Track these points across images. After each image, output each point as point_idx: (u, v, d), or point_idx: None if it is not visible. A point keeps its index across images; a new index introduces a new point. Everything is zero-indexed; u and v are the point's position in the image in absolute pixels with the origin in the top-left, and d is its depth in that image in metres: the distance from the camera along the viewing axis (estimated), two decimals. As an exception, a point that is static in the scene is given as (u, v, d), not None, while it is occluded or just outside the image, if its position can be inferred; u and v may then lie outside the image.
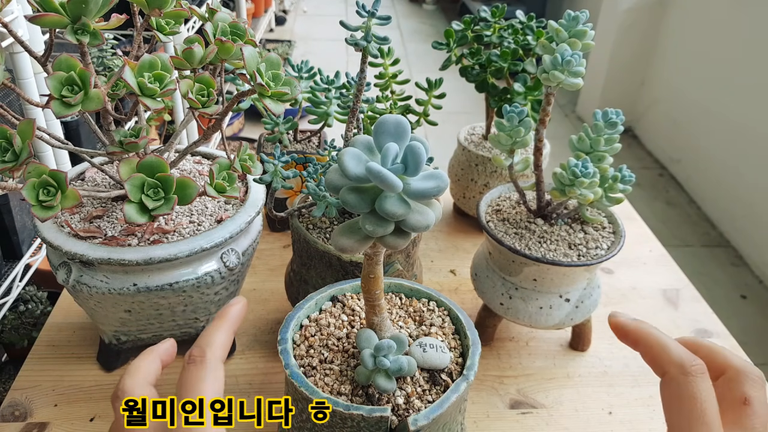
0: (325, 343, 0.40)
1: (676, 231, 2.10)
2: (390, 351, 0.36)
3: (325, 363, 0.39)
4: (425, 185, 0.29)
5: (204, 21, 0.48)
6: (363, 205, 0.29)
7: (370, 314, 0.38)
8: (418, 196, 0.29)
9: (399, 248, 0.31)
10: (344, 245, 0.31)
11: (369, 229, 0.29)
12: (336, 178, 0.30)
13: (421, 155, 0.29)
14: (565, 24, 0.52)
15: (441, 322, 0.42)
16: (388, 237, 0.30)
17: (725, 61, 2.12)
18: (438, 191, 0.29)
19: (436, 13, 4.50)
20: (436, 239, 0.83)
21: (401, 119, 0.30)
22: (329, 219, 0.56)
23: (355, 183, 0.29)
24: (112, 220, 0.51)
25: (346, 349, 0.40)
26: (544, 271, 0.55)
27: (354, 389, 0.37)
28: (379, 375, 0.36)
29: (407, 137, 0.30)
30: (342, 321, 0.42)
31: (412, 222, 0.29)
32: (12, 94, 0.80)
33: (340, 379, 0.37)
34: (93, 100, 0.42)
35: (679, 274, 0.79)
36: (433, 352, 0.38)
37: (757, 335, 1.67)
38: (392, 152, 0.29)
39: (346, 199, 0.29)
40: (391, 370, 0.36)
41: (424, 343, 0.38)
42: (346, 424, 0.35)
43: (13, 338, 0.83)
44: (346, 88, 0.65)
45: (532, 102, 0.73)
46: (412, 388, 0.37)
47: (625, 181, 0.55)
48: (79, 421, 0.54)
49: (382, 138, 0.30)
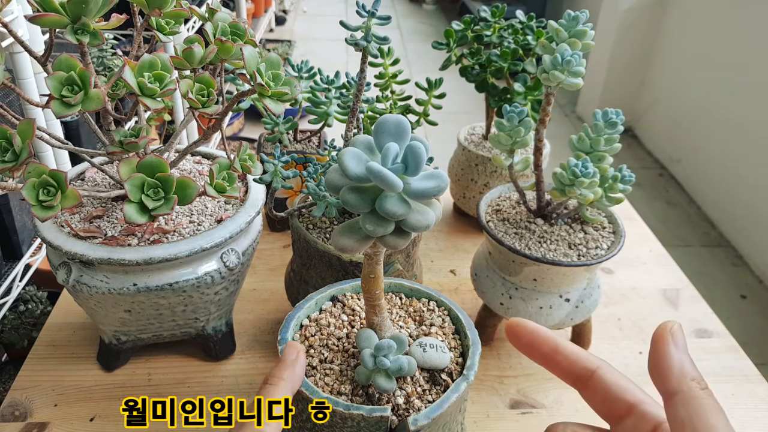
0: (325, 343, 0.40)
1: (676, 231, 2.10)
2: (390, 351, 0.36)
3: (325, 363, 0.39)
4: (426, 185, 0.29)
5: (204, 21, 0.48)
6: (363, 205, 0.29)
7: (371, 314, 0.38)
8: (419, 196, 0.29)
9: (399, 248, 0.31)
10: (344, 245, 0.31)
11: (369, 228, 0.29)
12: (336, 177, 0.30)
13: (421, 155, 0.29)
14: (565, 24, 0.52)
15: (441, 322, 0.42)
16: (388, 237, 0.30)
17: (725, 61, 2.12)
18: (438, 191, 0.29)
19: (436, 13, 4.50)
20: (436, 239, 0.83)
21: (401, 119, 0.30)
22: (329, 219, 0.56)
23: (356, 183, 0.29)
24: (112, 220, 0.51)
25: (346, 349, 0.40)
26: (544, 271, 0.55)
27: (354, 389, 0.37)
28: (379, 375, 0.36)
29: (407, 137, 0.30)
30: (342, 321, 0.42)
31: (412, 222, 0.29)
32: (12, 94, 0.80)
33: (340, 379, 0.37)
34: (93, 100, 0.42)
35: (679, 274, 0.79)
36: (433, 352, 0.38)
37: (757, 335, 1.67)
38: (392, 152, 0.29)
39: (346, 199, 0.29)
40: (392, 370, 0.36)
41: (424, 343, 0.38)
42: (346, 424, 0.35)
43: (13, 338, 0.83)
44: (346, 88, 0.65)
45: (532, 102, 0.73)
46: (412, 388, 0.37)
47: (625, 181, 0.55)
48: (79, 421, 0.54)
49: (382, 138, 0.30)
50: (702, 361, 0.65)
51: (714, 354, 0.66)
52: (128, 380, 0.59)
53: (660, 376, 0.29)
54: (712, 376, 0.63)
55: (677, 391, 0.28)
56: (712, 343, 0.67)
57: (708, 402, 0.27)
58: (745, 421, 0.58)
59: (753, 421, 0.58)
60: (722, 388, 0.61)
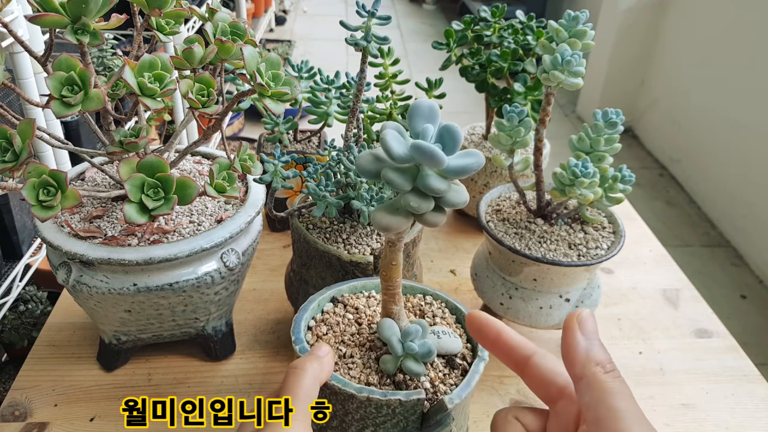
0: (341, 340, 0.41)
1: (676, 231, 2.10)
2: (417, 335, 0.37)
3: (344, 358, 0.40)
4: (465, 161, 0.31)
5: (204, 21, 0.48)
6: (405, 184, 0.31)
7: (389, 303, 0.39)
8: (459, 173, 0.31)
9: (438, 225, 0.33)
10: (389, 223, 0.32)
11: (414, 205, 0.31)
12: (370, 162, 0.32)
13: (458, 135, 0.31)
14: (565, 24, 0.52)
15: (442, 313, 0.44)
16: (428, 214, 0.32)
17: (725, 61, 2.12)
18: (477, 166, 0.31)
19: (436, 13, 4.50)
20: (436, 239, 0.83)
21: (433, 104, 0.32)
22: (329, 219, 0.56)
23: (397, 164, 0.31)
24: (112, 220, 0.51)
25: (363, 344, 0.41)
26: (544, 271, 0.55)
27: (381, 379, 0.38)
28: (408, 359, 0.37)
29: (438, 121, 0.32)
30: (348, 319, 0.43)
31: (451, 198, 0.31)
32: (12, 94, 0.80)
33: (365, 372, 0.38)
34: (93, 100, 0.42)
35: (679, 274, 0.79)
36: (447, 338, 0.39)
37: (757, 335, 1.67)
38: (430, 133, 0.31)
39: (389, 178, 0.31)
40: (421, 353, 0.37)
41: (437, 331, 0.40)
42: (380, 412, 0.36)
43: (13, 338, 0.83)
44: (346, 88, 0.65)
45: (532, 102, 0.73)
46: (434, 373, 0.39)
47: (625, 181, 0.55)
48: (79, 421, 0.54)
49: (416, 120, 0.31)
50: (702, 361, 0.65)
51: (714, 354, 0.66)
52: (128, 380, 0.59)
53: (568, 363, 0.30)
54: (712, 376, 0.63)
55: (582, 375, 0.29)
56: (712, 343, 0.67)
57: (611, 385, 0.28)
58: (745, 421, 0.58)
59: (753, 421, 0.58)
60: (722, 388, 0.61)
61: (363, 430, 0.37)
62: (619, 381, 0.29)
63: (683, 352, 0.66)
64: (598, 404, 0.28)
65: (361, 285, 0.46)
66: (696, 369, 0.64)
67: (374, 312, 0.43)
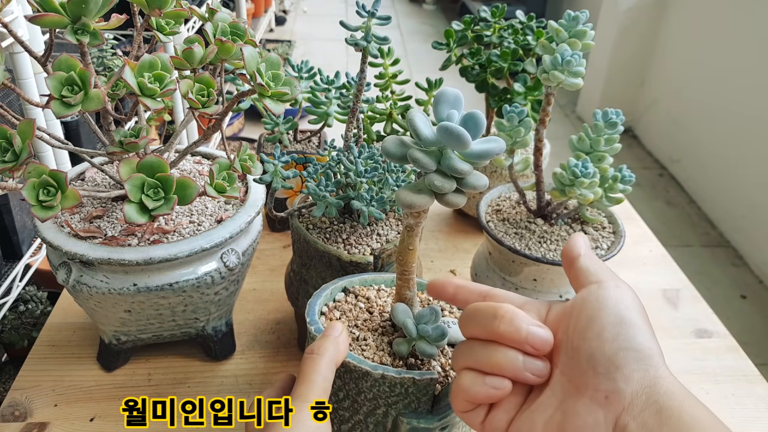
0: (355, 324, 0.42)
1: (676, 231, 2.10)
2: (430, 319, 0.39)
3: (358, 341, 0.40)
4: (487, 146, 0.33)
5: (204, 21, 0.48)
6: (431, 164, 0.33)
7: (404, 288, 0.40)
8: (482, 156, 0.33)
9: (458, 206, 0.34)
10: (413, 201, 0.34)
11: (438, 185, 0.33)
12: (396, 145, 0.34)
13: (481, 121, 0.32)
14: (565, 24, 0.52)
15: (449, 307, 0.45)
16: (449, 195, 0.34)
17: (725, 61, 2.12)
18: (499, 150, 0.33)
19: (436, 13, 4.50)
20: (436, 239, 0.83)
21: (458, 92, 0.34)
22: (329, 219, 0.56)
23: (423, 146, 0.33)
24: (112, 220, 0.51)
25: (375, 329, 0.41)
26: (544, 271, 0.55)
27: (393, 361, 0.39)
28: (422, 342, 0.38)
29: (462, 108, 0.34)
30: (360, 307, 0.44)
31: (472, 182, 0.33)
32: (12, 94, 0.80)
33: (378, 354, 0.39)
34: (93, 100, 0.42)
35: (679, 274, 0.79)
36: (456, 328, 0.40)
37: (757, 335, 1.67)
38: (455, 118, 0.33)
39: (416, 157, 0.32)
40: (434, 335, 0.38)
41: (446, 321, 0.41)
42: (393, 391, 0.36)
43: (13, 338, 0.83)
44: (346, 88, 0.65)
45: (532, 102, 0.73)
46: (445, 359, 0.40)
47: (625, 181, 0.55)
48: (79, 421, 0.54)
49: (442, 107, 0.34)
50: (702, 361, 0.65)
51: (714, 354, 0.66)
52: (128, 380, 0.59)
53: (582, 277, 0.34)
54: (712, 376, 0.63)
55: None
56: (712, 343, 0.67)
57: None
58: (745, 421, 0.58)
59: (753, 421, 0.58)
60: (722, 388, 0.61)
61: (374, 410, 0.38)
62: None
63: (683, 352, 0.66)
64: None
65: (372, 278, 0.47)
66: (696, 369, 0.64)
67: (385, 302, 0.44)
